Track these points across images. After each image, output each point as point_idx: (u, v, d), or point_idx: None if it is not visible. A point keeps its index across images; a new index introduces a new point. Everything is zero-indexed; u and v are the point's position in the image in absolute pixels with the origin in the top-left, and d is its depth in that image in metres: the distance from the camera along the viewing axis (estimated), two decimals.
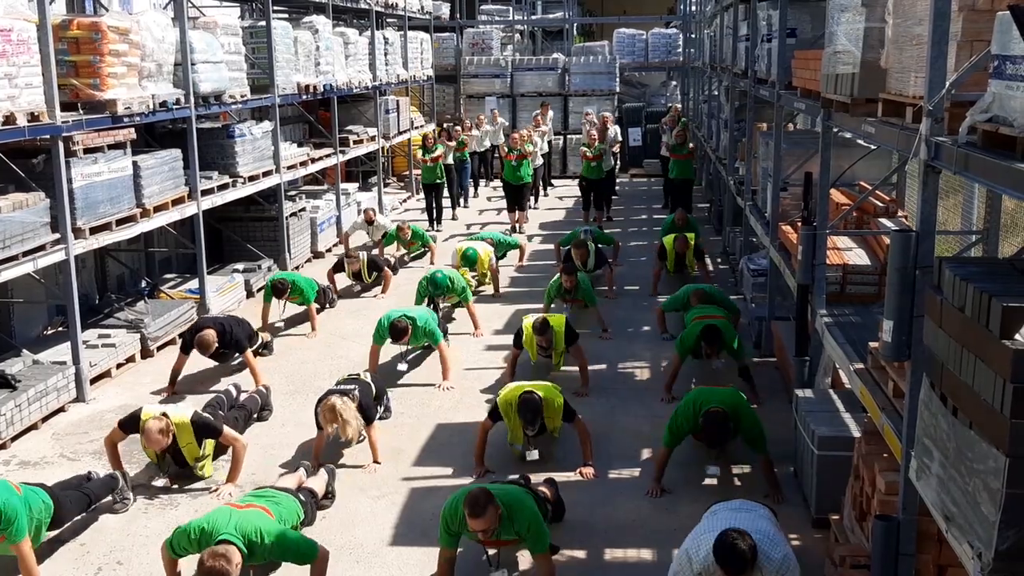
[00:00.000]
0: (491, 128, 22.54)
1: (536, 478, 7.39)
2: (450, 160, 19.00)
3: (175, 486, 7.57)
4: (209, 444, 7.64)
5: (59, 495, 6.51)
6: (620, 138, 19.99)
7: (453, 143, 19.38)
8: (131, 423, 7.45)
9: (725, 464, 7.71)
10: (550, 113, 23.42)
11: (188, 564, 5.92)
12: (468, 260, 12.92)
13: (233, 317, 10.16)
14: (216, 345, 9.35)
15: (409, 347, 10.17)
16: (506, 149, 18.19)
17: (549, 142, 22.62)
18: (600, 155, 17.83)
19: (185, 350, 9.55)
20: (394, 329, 9.53)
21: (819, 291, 7.62)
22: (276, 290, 11.34)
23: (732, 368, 9.30)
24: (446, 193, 18.87)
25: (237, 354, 9.81)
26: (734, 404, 7.30)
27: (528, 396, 7.67)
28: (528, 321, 9.66)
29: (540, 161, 20.57)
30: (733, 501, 5.87)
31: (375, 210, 15.99)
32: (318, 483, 7.23)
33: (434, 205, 18.20)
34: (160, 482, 7.62)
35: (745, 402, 7.51)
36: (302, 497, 6.72)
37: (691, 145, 17.85)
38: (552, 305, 11.53)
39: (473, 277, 13.10)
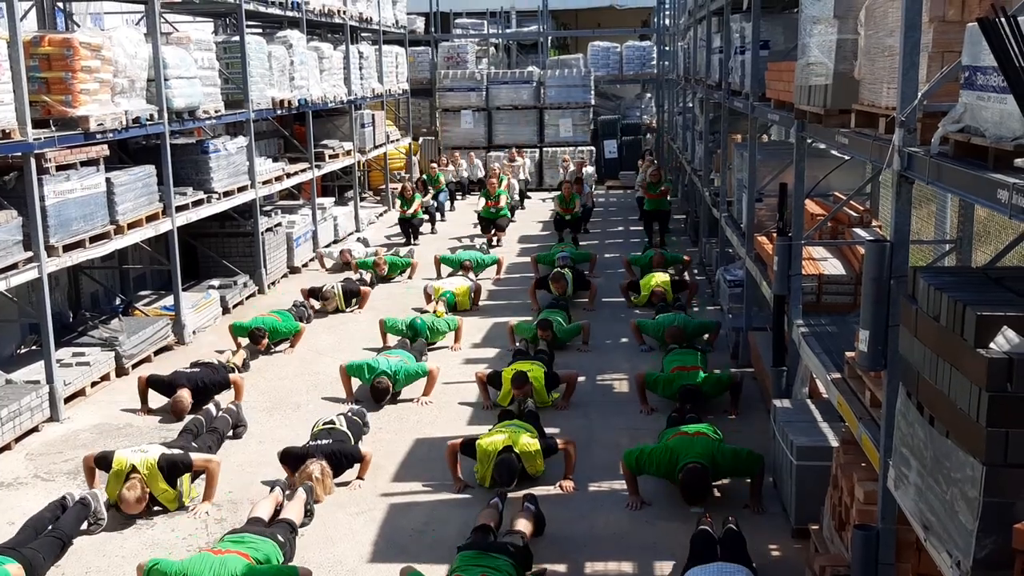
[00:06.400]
0: (466, 166, 23.07)
1: (516, 493, 7.38)
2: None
3: (155, 508, 7.48)
4: (185, 479, 7.51)
5: (30, 556, 6.30)
6: (593, 191, 20.44)
7: (429, 195, 19.66)
8: (104, 463, 7.41)
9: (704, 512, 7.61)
10: (522, 161, 23.62)
11: None
12: (446, 303, 12.83)
13: (206, 366, 9.88)
14: (191, 404, 9.30)
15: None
16: (484, 198, 18.50)
17: (525, 181, 23.09)
18: (571, 209, 17.90)
19: (154, 387, 9.50)
20: (375, 391, 9.52)
21: (795, 301, 7.64)
22: (253, 336, 11.20)
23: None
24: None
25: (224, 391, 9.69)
26: (711, 453, 7.27)
27: (506, 456, 7.56)
28: (508, 372, 9.32)
29: (516, 199, 21.06)
30: (711, 566, 5.83)
31: (351, 252, 15.93)
32: (296, 506, 7.11)
33: (410, 223, 18.23)
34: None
35: (720, 446, 7.44)
36: (280, 537, 6.56)
37: (664, 187, 17.74)
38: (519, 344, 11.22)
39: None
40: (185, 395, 9.28)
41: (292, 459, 7.78)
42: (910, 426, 4.13)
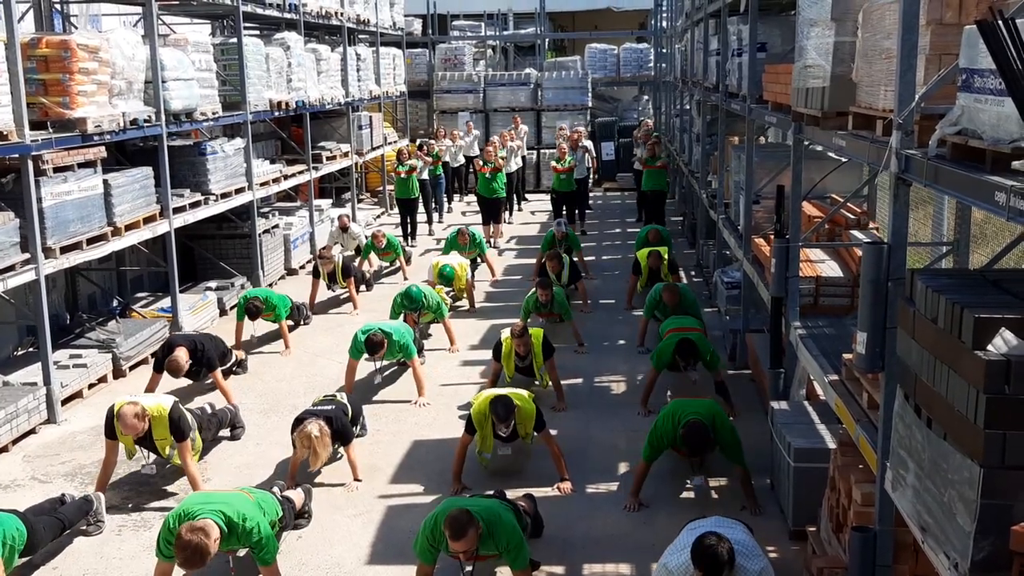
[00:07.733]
0: (465, 141, 22.58)
1: (514, 494, 7.37)
2: (425, 175, 19.01)
3: (148, 506, 7.48)
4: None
5: (32, 521, 6.41)
6: (593, 152, 20.10)
7: (429, 158, 19.35)
8: (109, 423, 7.39)
9: (705, 479, 7.70)
10: (523, 127, 23.46)
11: None
12: (444, 278, 12.90)
13: (206, 334, 10.08)
14: (188, 364, 9.27)
15: (383, 363, 10.16)
16: (481, 162, 18.27)
17: (524, 157, 22.57)
18: (570, 168, 17.89)
19: (158, 369, 9.44)
20: (370, 343, 9.50)
21: (793, 303, 7.66)
22: (250, 312, 11.20)
23: (709, 381, 9.31)
24: (421, 209, 18.88)
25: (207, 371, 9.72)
26: (712, 414, 7.32)
27: (500, 395, 7.73)
28: (506, 333, 9.65)
29: (515, 167, 20.58)
30: (710, 518, 5.88)
31: (349, 216, 15.99)
32: (296, 494, 7.21)
33: (409, 221, 18.19)
34: (147, 465, 7.61)
35: (722, 412, 7.52)
36: (279, 495, 6.72)
37: (663, 158, 17.95)
38: (528, 320, 11.53)
39: (449, 294, 13.12)
40: (182, 354, 9.20)
41: (293, 428, 7.79)
42: (907, 428, 4.13)
